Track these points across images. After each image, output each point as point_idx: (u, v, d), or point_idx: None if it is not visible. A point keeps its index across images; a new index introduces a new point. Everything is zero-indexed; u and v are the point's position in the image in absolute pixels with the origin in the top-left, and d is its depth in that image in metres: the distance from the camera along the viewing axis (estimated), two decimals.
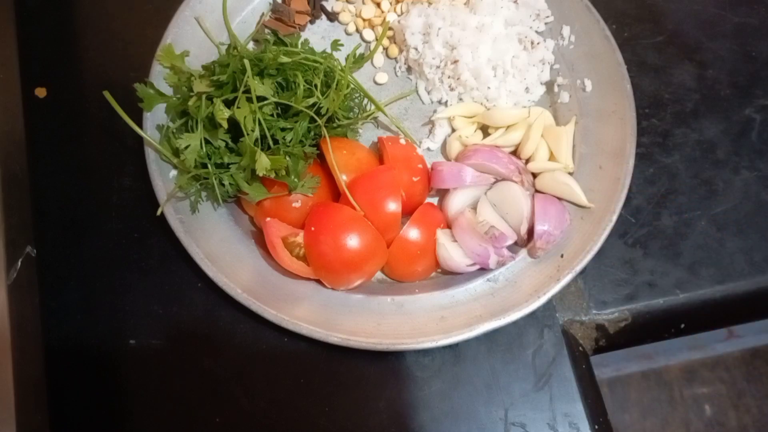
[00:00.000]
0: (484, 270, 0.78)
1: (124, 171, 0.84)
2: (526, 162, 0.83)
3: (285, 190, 0.75)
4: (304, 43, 0.85)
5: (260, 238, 0.78)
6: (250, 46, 0.89)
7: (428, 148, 0.87)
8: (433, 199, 0.84)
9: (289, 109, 0.75)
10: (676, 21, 0.97)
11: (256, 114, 0.71)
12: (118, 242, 0.81)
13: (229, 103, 0.72)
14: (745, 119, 0.91)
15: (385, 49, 0.93)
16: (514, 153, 0.84)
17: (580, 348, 0.79)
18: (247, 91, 0.71)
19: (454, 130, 0.87)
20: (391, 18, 0.93)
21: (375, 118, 0.88)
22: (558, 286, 0.74)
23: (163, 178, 0.77)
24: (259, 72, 0.74)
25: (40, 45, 0.92)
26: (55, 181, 0.84)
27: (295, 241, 0.75)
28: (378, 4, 0.95)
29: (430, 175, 0.81)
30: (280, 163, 0.71)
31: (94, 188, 0.84)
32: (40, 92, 0.89)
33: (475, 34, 0.86)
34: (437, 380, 0.75)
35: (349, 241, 0.71)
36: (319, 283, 0.77)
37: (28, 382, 0.72)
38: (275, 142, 0.74)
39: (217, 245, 0.77)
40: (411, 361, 0.76)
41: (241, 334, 0.77)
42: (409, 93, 0.91)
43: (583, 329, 0.80)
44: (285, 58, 0.74)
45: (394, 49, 0.92)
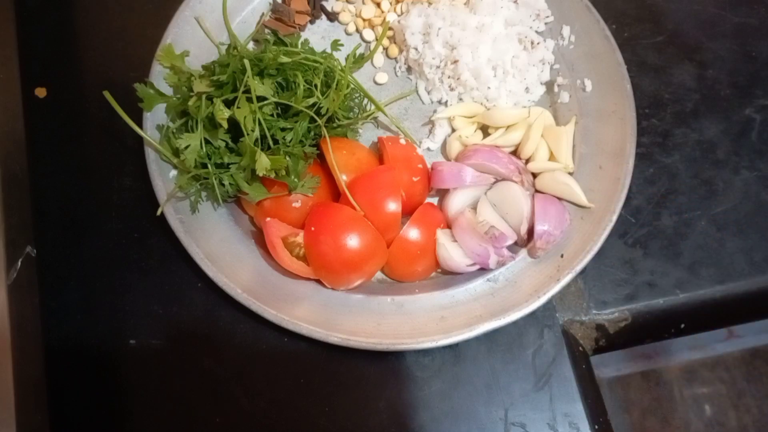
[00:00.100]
0: (484, 270, 0.78)
1: (124, 171, 0.84)
2: (526, 162, 0.83)
3: (285, 190, 0.75)
4: (304, 43, 0.85)
5: (260, 238, 0.78)
6: (250, 46, 0.89)
7: (428, 148, 0.87)
8: (433, 199, 0.84)
9: (289, 109, 0.75)
10: (676, 21, 0.97)
11: (256, 114, 0.71)
12: (118, 242, 0.81)
13: (229, 103, 0.72)
14: (745, 119, 0.91)
15: (385, 49, 0.93)
16: (514, 153, 0.84)
17: (580, 348, 0.79)
18: (247, 91, 0.71)
19: (454, 130, 0.87)
20: (391, 18, 0.93)
21: (375, 118, 0.88)
22: (558, 286, 0.74)
23: (163, 178, 0.77)
24: (259, 72, 0.74)
25: (40, 45, 0.92)
26: (55, 181, 0.84)
27: (295, 241, 0.75)
28: (378, 4, 0.95)
29: (430, 175, 0.81)
30: (280, 163, 0.71)
31: (94, 188, 0.84)
32: (40, 92, 0.89)
33: (475, 34, 0.86)
34: (437, 380, 0.75)
35: (349, 241, 0.71)
36: (319, 283, 0.77)
37: (28, 382, 0.72)
38: (275, 142, 0.74)
39: (217, 245, 0.77)
40: (411, 361, 0.76)
41: (241, 334, 0.77)
42: (409, 93, 0.91)
43: (583, 329, 0.80)
44: (285, 58, 0.74)
45: (394, 49, 0.92)
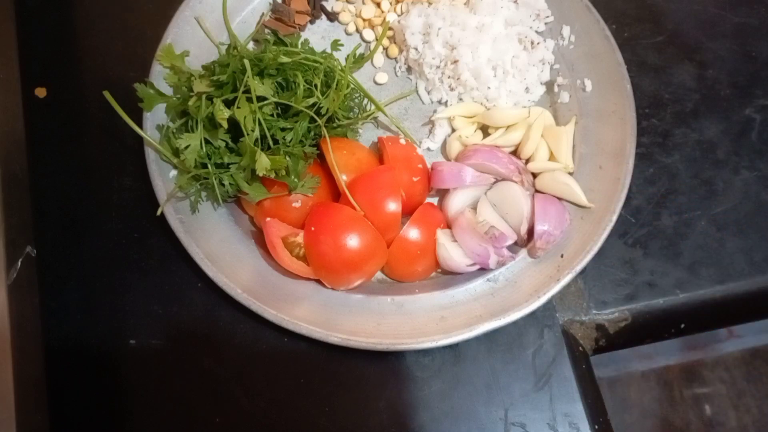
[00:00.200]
0: (484, 270, 0.78)
1: (124, 171, 0.84)
2: (526, 162, 0.83)
3: (285, 190, 0.75)
4: (304, 43, 0.85)
5: (260, 238, 0.78)
6: (250, 46, 0.89)
7: (428, 148, 0.87)
8: (433, 199, 0.84)
9: (289, 109, 0.75)
10: (676, 21, 0.97)
11: (256, 114, 0.71)
12: (118, 242, 0.81)
13: (229, 103, 0.72)
14: (745, 119, 0.91)
15: (385, 49, 0.93)
16: (514, 153, 0.84)
17: (580, 348, 0.79)
18: (247, 91, 0.71)
19: (454, 130, 0.87)
20: (391, 18, 0.93)
21: (375, 118, 0.88)
22: (558, 286, 0.74)
23: (163, 178, 0.77)
24: (259, 72, 0.74)
25: (40, 45, 0.92)
26: (55, 181, 0.84)
27: (295, 241, 0.75)
28: (378, 4, 0.95)
29: (430, 175, 0.81)
30: (280, 163, 0.71)
31: (94, 188, 0.84)
32: (40, 92, 0.89)
33: (475, 34, 0.86)
34: (437, 380, 0.75)
35: (349, 241, 0.71)
36: (319, 283, 0.76)
37: (28, 382, 0.72)
38: (275, 142, 0.74)
39: (217, 245, 0.77)
40: (411, 361, 0.76)
41: (241, 334, 0.77)
42: (409, 93, 0.91)
43: (583, 329, 0.80)
44: (285, 58, 0.74)
45: (394, 49, 0.92)
